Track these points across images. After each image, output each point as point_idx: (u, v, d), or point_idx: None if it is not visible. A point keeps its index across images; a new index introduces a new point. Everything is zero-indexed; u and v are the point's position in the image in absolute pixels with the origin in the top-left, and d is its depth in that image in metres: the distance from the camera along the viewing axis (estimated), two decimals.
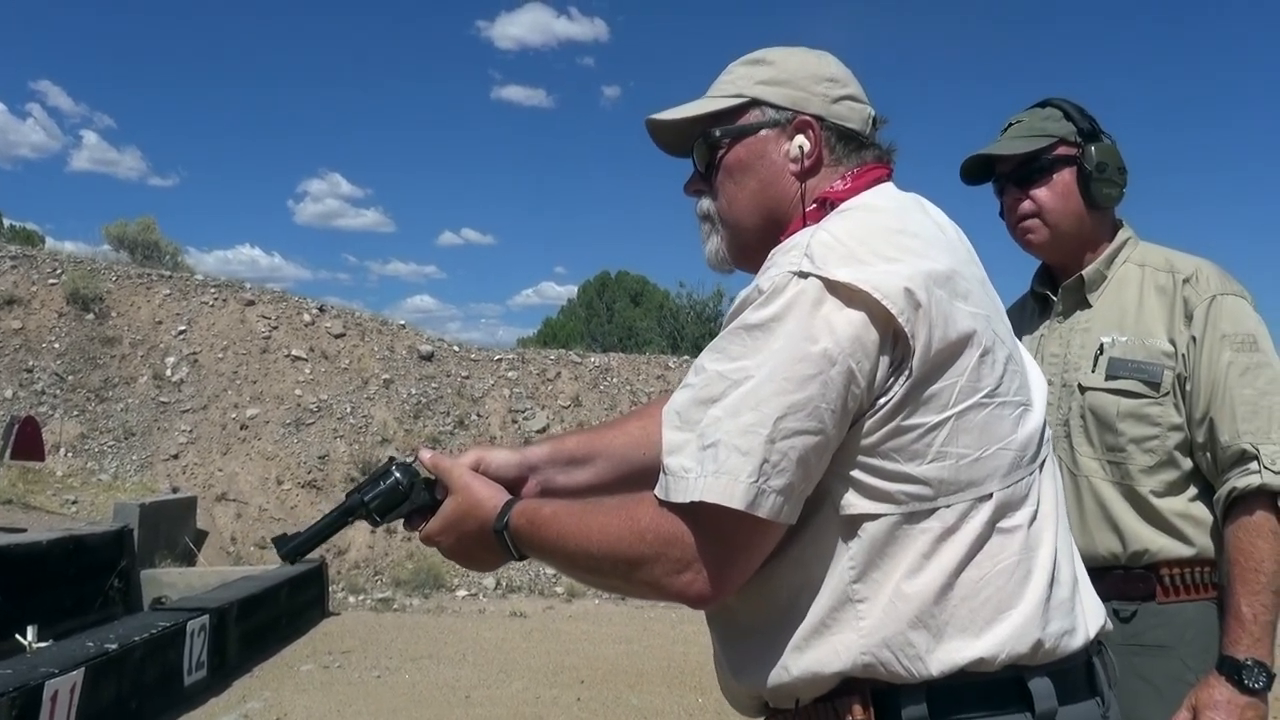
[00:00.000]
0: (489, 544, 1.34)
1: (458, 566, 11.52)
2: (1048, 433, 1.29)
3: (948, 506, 1.15)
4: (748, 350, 1.14)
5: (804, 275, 1.14)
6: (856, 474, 1.15)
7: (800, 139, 1.31)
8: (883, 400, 1.14)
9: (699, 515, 1.13)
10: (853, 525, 1.15)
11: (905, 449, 1.14)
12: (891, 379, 1.13)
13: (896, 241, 1.18)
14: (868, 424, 1.14)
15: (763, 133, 1.32)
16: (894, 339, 1.13)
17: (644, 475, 1.39)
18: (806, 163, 1.30)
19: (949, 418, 1.15)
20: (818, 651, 1.16)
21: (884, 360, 1.13)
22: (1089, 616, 1.25)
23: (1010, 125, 2.07)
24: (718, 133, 1.34)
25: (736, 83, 1.36)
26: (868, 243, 1.17)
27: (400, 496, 1.45)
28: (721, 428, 1.12)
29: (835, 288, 1.12)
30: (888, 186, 1.32)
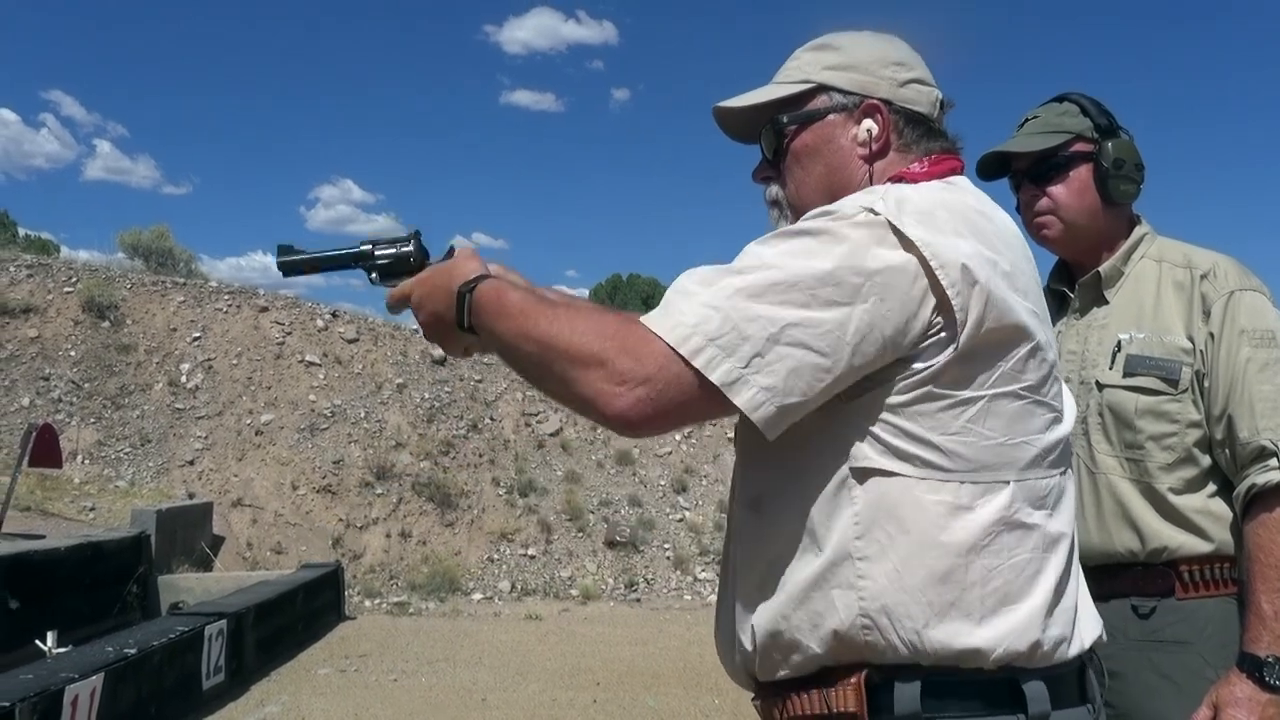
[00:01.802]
0: (450, 308, 1.30)
1: (472, 571, 11.58)
2: (1072, 450, 1.30)
3: (961, 483, 1.15)
4: (793, 249, 1.14)
5: (875, 213, 1.14)
6: (875, 428, 1.15)
7: (868, 123, 1.31)
8: (920, 365, 1.13)
9: (672, 357, 1.11)
10: (861, 478, 1.15)
11: (931, 414, 1.14)
12: (934, 346, 1.13)
13: (973, 221, 1.19)
14: (900, 384, 1.14)
15: (830, 117, 1.32)
16: (943, 308, 1.13)
17: None
18: (874, 146, 1.31)
19: (983, 397, 1.15)
20: (817, 603, 1.16)
21: (920, 324, 1.13)
22: (1085, 630, 1.25)
23: (1027, 120, 2.06)
24: (785, 119, 1.34)
25: (803, 68, 1.36)
26: (942, 213, 1.17)
27: (406, 267, 1.44)
28: (734, 301, 1.11)
29: (901, 238, 1.13)
30: (963, 179, 1.32)
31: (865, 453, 1.15)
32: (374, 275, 1.46)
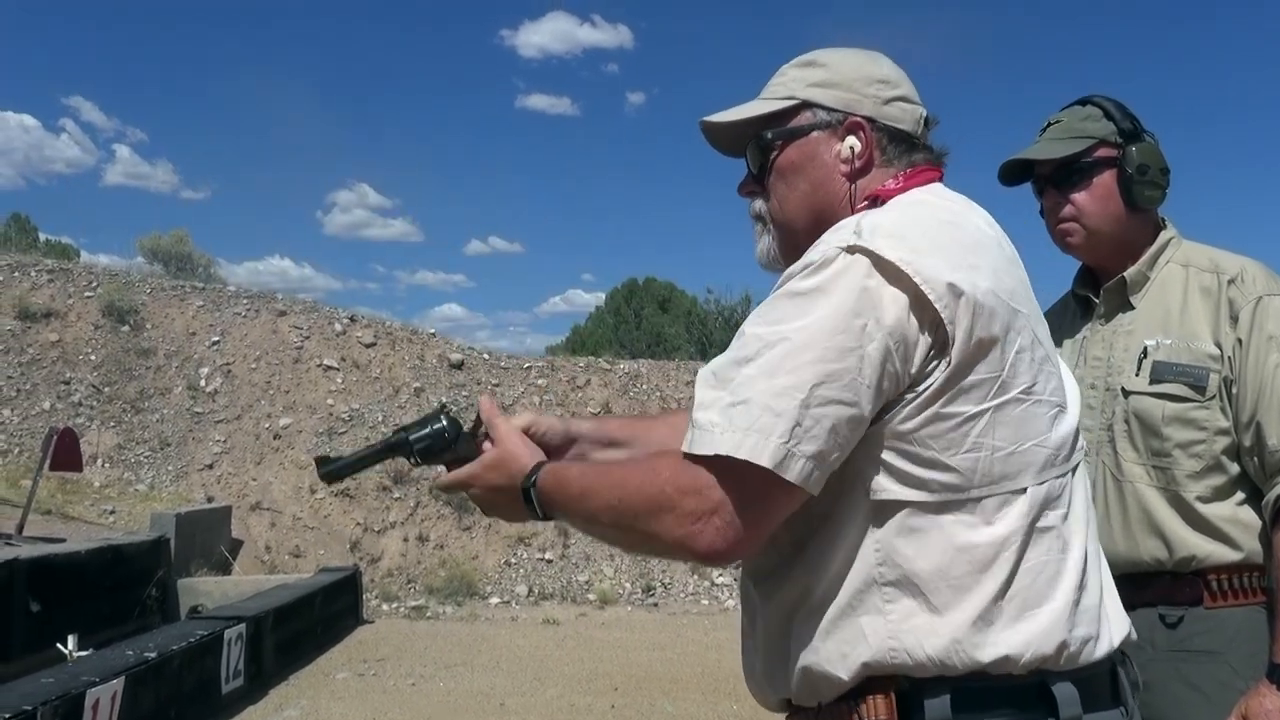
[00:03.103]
0: (516, 499, 1.37)
1: (489, 575, 11.58)
2: (1080, 439, 1.29)
3: (979, 499, 1.15)
4: (788, 315, 1.15)
5: (853, 250, 1.15)
6: (890, 459, 1.16)
7: (851, 140, 1.32)
8: (921, 387, 1.14)
9: (723, 470, 1.12)
10: (882, 510, 1.16)
11: (942, 436, 1.15)
12: (931, 365, 1.14)
13: (946, 233, 1.20)
14: (905, 410, 1.15)
15: (814, 134, 1.34)
16: (933, 326, 1.14)
17: None
18: (857, 163, 1.32)
19: (987, 409, 1.16)
20: (845, 633, 1.17)
21: (921, 345, 1.14)
22: (1113, 626, 1.25)
23: (1049, 125, 2.04)
24: (770, 135, 1.35)
25: (788, 85, 1.37)
26: (915, 230, 1.18)
27: (445, 444, 1.50)
28: (755, 386, 1.12)
29: (883, 265, 1.14)
30: (938, 186, 1.33)
31: (883, 484, 1.16)
32: (414, 459, 1.52)
